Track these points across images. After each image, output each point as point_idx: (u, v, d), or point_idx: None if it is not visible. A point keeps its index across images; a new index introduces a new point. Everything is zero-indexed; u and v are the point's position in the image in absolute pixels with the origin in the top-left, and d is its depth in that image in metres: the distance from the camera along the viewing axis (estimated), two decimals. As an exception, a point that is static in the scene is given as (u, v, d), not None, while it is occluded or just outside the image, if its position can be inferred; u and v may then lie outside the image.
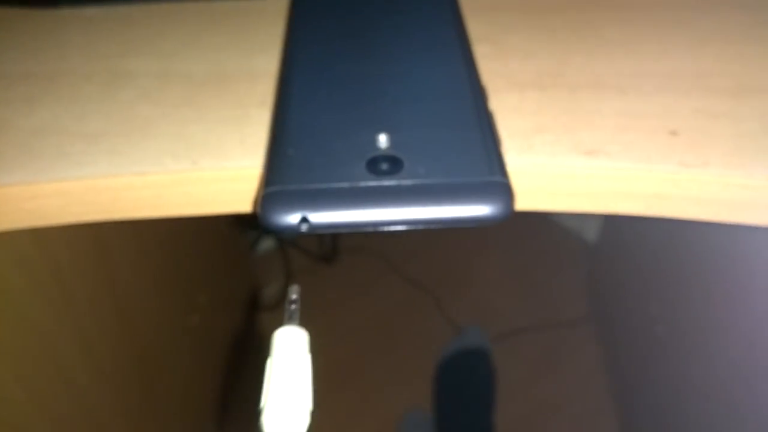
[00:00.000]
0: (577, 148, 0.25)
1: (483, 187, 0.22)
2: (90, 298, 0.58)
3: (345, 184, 0.22)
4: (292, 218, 0.21)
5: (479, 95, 0.26)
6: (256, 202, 0.22)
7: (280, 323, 0.22)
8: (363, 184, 0.22)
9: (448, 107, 0.25)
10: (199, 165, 0.25)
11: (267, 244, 1.34)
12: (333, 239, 1.35)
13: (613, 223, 1.07)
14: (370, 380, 1.10)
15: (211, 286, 0.94)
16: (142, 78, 0.30)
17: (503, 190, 0.22)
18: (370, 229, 0.21)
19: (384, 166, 0.23)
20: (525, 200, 0.25)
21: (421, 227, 0.22)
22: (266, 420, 0.17)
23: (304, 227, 0.21)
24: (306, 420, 0.18)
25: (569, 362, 1.12)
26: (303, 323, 0.21)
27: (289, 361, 0.18)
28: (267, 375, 0.18)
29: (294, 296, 0.20)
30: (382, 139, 0.24)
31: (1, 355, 0.47)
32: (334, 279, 1.30)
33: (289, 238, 1.29)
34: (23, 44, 0.33)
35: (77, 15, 0.35)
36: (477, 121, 0.24)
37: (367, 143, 0.23)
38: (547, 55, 0.31)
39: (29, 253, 0.49)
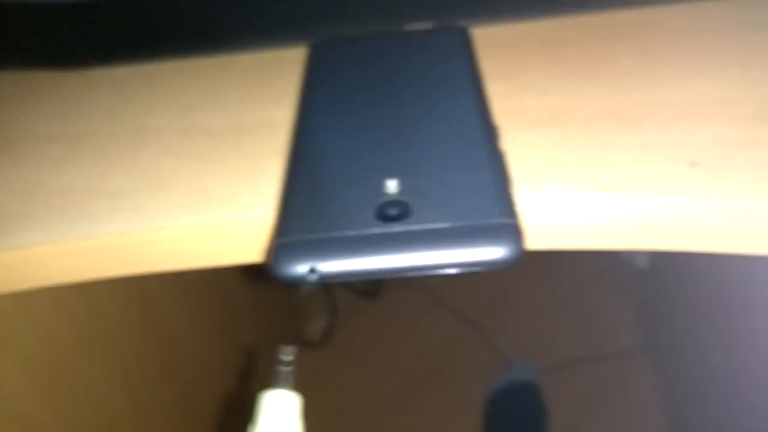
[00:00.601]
0: (592, 183, 0.24)
1: (491, 229, 0.21)
2: (135, 346, 0.60)
3: (353, 232, 0.22)
4: (301, 268, 0.21)
5: (490, 135, 0.26)
6: (267, 253, 0.23)
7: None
8: (370, 231, 0.22)
9: (458, 149, 0.25)
10: (215, 217, 0.25)
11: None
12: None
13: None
14: (417, 417, 1.08)
15: (255, 326, 0.95)
16: (164, 134, 0.31)
17: (511, 231, 0.21)
18: (379, 277, 0.21)
19: (392, 212, 0.23)
20: (539, 239, 0.25)
21: (429, 273, 0.21)
22: None
23: (312, 277, 0.21)
24: None
25: (623, 395, 1.07)
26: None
27: (274, 430, 0.17)
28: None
29: (288, 357, 0.20)
30: (391, 185, 0.24)
31: (50, 405, 0.48)
32: (378, 314, 1.30)
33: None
34: (52, 105, 0.35)
35: (105, 75, 0.37)
36: (487, 162, 0.24)
37: (376, 189, 0.24)
38: (562, 90, 0.30)
39: (73, 303, 0.51)
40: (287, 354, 0.20)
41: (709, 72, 0.30)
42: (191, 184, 0.27)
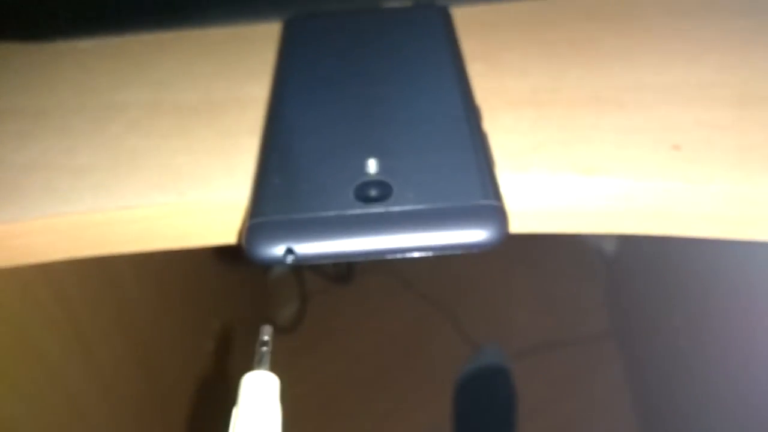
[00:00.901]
0: (574, 166, 0.24)
1: (475, 211, 0.21)
2: (99, 325, 0.58)
3: (332, 213, 0.21)
4: (277, 250, 0.20)
5: (472, 116, 0.25)
6: (240, 234, 0.22)
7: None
8: (350, 212, 0.21)
9: (440, 129, 0.24)
10: (186, 197, 0.24)
11: (282, 266, 1.34)
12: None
13: (631, 235, 1.05)
14: (387, 401, 1.09)
15: (224, 311, 0.94)
16: (132, 109, 0.30)
17: (496, 213, 0.21)
18: (359, 259, 0.21)
19: (372, 193, 0.22)
20: (521, 222, 0.24)
21: (411, 255, 0.21)
22: None
23: (289, 259, 0.20)
24: None
25: (591, 379, 1.09)
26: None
27: (257, 410, 0.17)
28: (232, 425, 0.17)
29: (265, 338, 0.19)
30: (371, 165, 0.23)
31: (10, 386, 0.47)
32: (349, 299, 1.29)
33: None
34: (13, 79, 0.33)
35: (69, 48, 0.35)
36: (470, 143, 0.24)
37: (355, 169, 0.23)
38: (543, 71, 0.30)
39: (36, 285, 0.49)
40: (265, 333, 0.19)
41: (689, 56, 0.30)
42: (161, 161, 0.26)
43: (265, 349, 0.19)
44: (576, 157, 0.24)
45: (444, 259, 1.33)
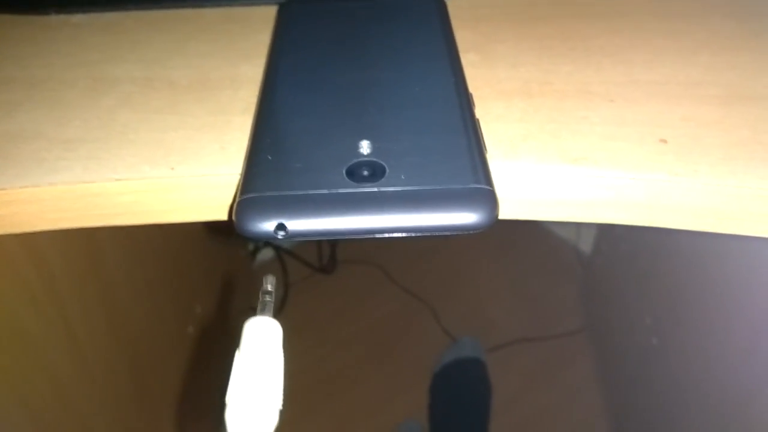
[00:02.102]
0: (563, 155, 0.24)
1: (466, 194, 0.21)
2: (82, 305, 0.58)
3: (324, 191, 0.21)
4: (268, 225, 0.21)
5: (465, 102, 0.25)
6: (231, 209, 0.22)
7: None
8: (342, 190, 0.21)
9: (433, 114, 0.25)
10: (177, 172, 0.24)
11: (265, 254, 1.34)
12: (331, 250, 1.35)
13: (607, 234, 1.06)
14: (365, 390, 1.09)
15: (207, 296, 0.93)
16: (125, 84, 0.30)
17: (487, 197, 0.21)
18: (349, 237, 0.21)
19: (365, 173, 0.22)
20: (510, 209, 0.24)
21: (401, 236, 0.21)
22: (229, 415, 0.15)
23: (280, 234, 0.21)
24: (274, 419, 0.16)
25: (563, 373, 1.11)
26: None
27: (259, 355, 0.17)
28: (234, 368, 0.17)
29: (269, 287, 0.19)
30: (364, 146, 0.23)
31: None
32: (331, 289, 1.30)
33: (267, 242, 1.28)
34: (7, 50, 0.33)
35: (65, 22, 0.35)
36: (462, 128, 0.24)
37: (349, 150, 0.23)
38: (535, 64, 0.30)
39: (17, 257, 0.48)
40: (269, 283, 0.19)
41: (679, 55, 0.30)
42: (152, 135, 0.26)
43: (268, 298, 0.19)
44: (565, 147, 0.25)
45: (426, 253, 1.34)
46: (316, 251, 1.34)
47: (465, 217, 0.21)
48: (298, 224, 0.21)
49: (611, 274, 1.06)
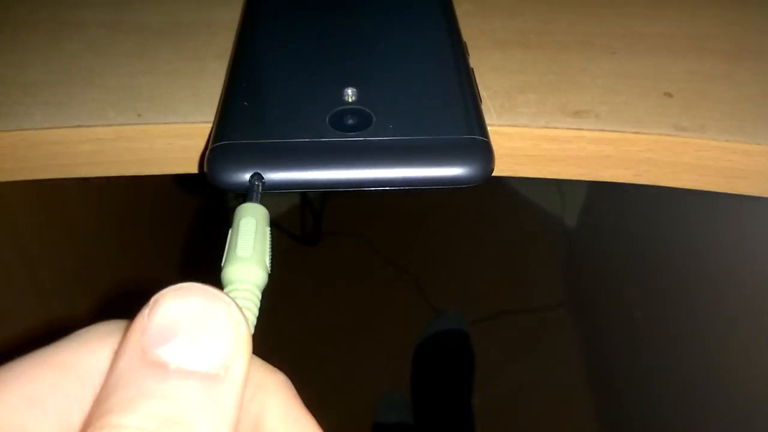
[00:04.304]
0: (563, 108, 0.23)
1: (459, 145, 0.19)
2: (47, 252, 0.55)
3: (305, 140, 0.20)
4: (243, 175, 0.19)
5: (459, 50, 0.24)
6: (203, 159, 0.20)
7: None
8: (326, 140, 0.20)
9: (424, 61, 0.23)
10: (144, 118, 0.22)
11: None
12: (316, 221, 1.33)
13: (592, 208, 1.06)
14: (348, 361, 1.08)
15: (184, 264, 0.91)
16: (91, 28, 0.28)
17: (481, 149, 0.19)
18: (332, 189, 0.19)
19: (350, 122, 0.20)
20: (506, 165, 0.23)
21: (388, 189, 0.19)
22: (226, 274, 0.15)
23: (257, 185, 0.19)
24: (265, 279, 0.16)
25: (546, 345, 1.11)
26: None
27: (250, 230, 0.16)
28: (228, 240, 0.16)
29: (257, 183, 0.18)
30: (350, 93, 0.21)
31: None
32: (316, 261, 1.28)
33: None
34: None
35: (24, -40, 0.32)
36: (455, 76, 0.22)
37: (333, 97, 0.21)
38: (533, 14, 0.28)
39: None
40: (256, 179, 0.18)
41: (683, 9, 0.29)
42: (118, 81, 0.24)
43: (257, 183, 0.18)
44: (565, 100, 0.23)
45: (410, 226, 1.33)
46: (299, 222, 1.32)
47: (457, 170, 0.19)
48: (276, 175, 0.19)
49: (596, 247, 1.05)
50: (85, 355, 0.13)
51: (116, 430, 0.10)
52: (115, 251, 0.70)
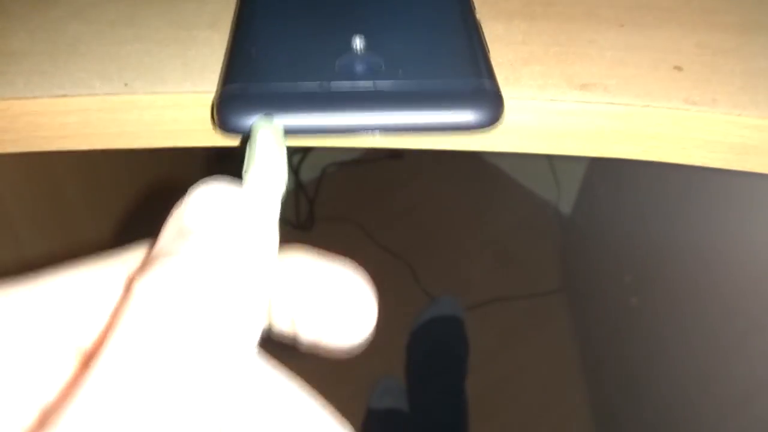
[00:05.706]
0: (570, 81, 0.22)
1: (468, 90, 0.19)
2: (32, 220, 0.54)
3: (315, 85, 0.19)
4: (253, 120, 0.18)
5: (465, 3, 0.23)
6: (212, 104, 0.19)
7: None
8: (335, 84, 0.19)
9: (432, 10, 0.23)
10: (131, 88, 0.21)
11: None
12: (310, 207, 1.32)
13: (587, 195, 1.05)
14: (342, 348, 1.08)
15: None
16: (77, -5, 0.26)
17: (491, 93, 0.19)
18: (341, 135, 0.19)
19: (359, 68, 0.20)
20: (510, 140, 0.22)
21: (397, 134, 0.19)
22: (249, 178, 0.15)
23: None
24: (284, 186, 0.16)
25: (540, 332, 1.11)
26: None
27: (270, 146, 0.15)
28: (247, 154, 0.15)
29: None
30: (359, 41, 0.21)
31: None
32: (309, 246, 1.27)
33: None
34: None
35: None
36: (462, 25, 0.22)
37: (341, 44, 0.21)
38: (537, -16, 0.27)
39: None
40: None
41: (692, -19, 0.28)
42: (105, 49, 0.23)
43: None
44: (571, 72, 0.22)
45: (405, 212, 1.32)
46: (293, 208, 1.31)
47: (467, 115, 0.18)
48: (287, 119, 0.18)
49: (591, 234, 1.05)
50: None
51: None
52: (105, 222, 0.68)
